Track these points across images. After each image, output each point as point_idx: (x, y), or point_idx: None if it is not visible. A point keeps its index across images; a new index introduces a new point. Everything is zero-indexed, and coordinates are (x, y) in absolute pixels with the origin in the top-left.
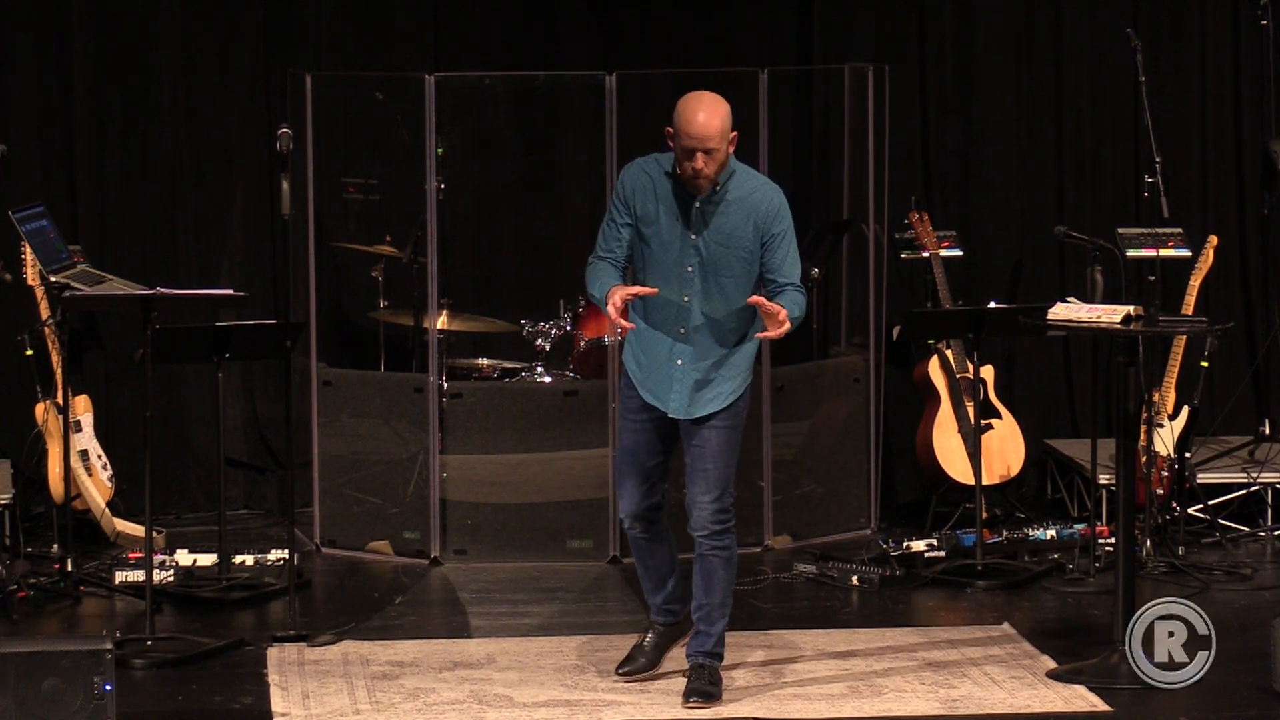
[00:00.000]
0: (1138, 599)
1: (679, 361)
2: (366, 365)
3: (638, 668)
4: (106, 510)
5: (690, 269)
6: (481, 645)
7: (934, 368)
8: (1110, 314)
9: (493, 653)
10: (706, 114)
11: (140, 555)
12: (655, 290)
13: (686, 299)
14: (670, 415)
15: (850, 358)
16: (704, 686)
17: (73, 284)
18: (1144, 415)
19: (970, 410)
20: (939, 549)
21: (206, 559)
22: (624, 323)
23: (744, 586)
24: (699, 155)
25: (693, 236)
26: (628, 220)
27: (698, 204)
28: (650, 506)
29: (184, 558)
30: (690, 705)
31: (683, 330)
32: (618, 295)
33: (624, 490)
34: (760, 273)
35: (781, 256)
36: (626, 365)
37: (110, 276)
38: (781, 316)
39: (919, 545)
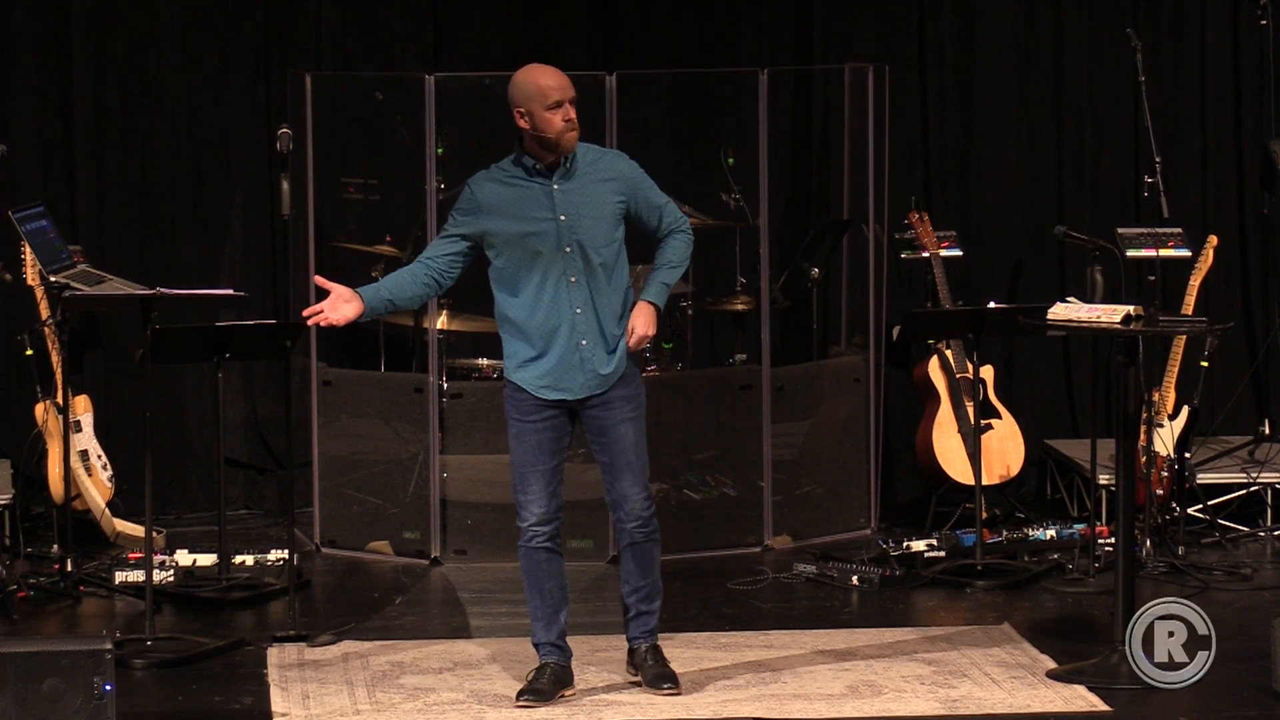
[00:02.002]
0: (1138, 599)
1: (583, 342)
2: (366, 365)
3: (541, 699)
4: (106, 510)
5: (569, 249)
6: (481, 645)
7: (934, 368)
8: (1110, 314)
9: (493, 653)
10: (553, 72)
11: (140, 555)
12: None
13: (574, 279)
14: (576, 398)
15: (850, 358)
16: (667, 669)
17: (73, 284)
18: (1144, 415)
19: (970, 410)
20: (939, 549)
21: (206, 559)
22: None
23: (744, 586)
24: (567, 105)
25: (562, 218)
26: (464, 232)
27: (555, 186)
28: (558, 508)
29: (184, 558)
30: (666, 691)
31: (579, 310)
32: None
33: (530, 497)
34: (647, 230)
35: (656, 204)
36: (511, 375)
37: (110, 276)
38: (644, 324)
39: (919, 545)
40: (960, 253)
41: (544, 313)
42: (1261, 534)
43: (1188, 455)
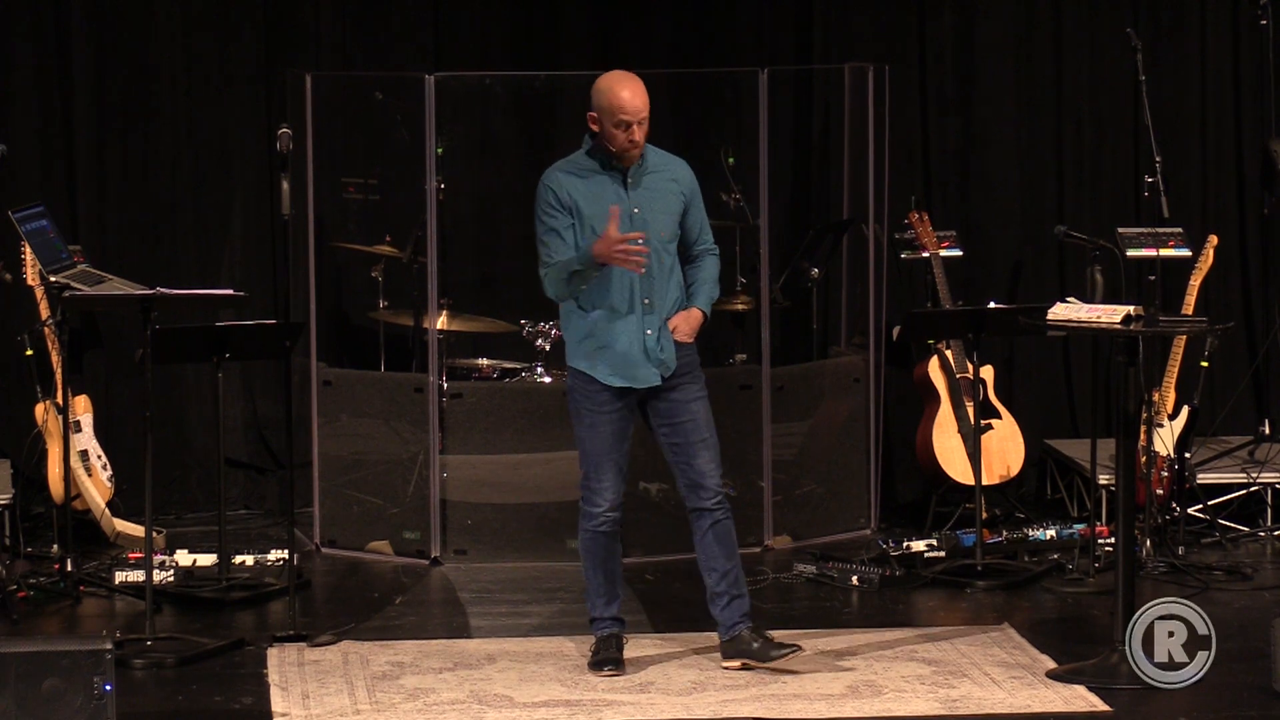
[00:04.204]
0: (1138, 599)
1: (648, 332)
2: (366, 365)
3: (621, 668)
4: (106, 510)
5: (641, 241)
6: (481, 645)
7: (934, 368)
8: (1110, 314)
9: (493, 653)
10: (633, 90)
11: (140, 555)
12: (640, 234)
13: (643, 271)
14: (644, 387)
15: (850, 358)
16: (776, 640)
17: (73, 284)
18: (1144, 415)
19: (970, 410)
20: (939, 549)
21: (206, 559)
22: (633, 243)
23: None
24: (634, 127)
25: (635, 210)
26: (570, 223)
27: (629, 180)
28: (623, 494)
29: (184, 558)
30: (788, 654)
31: (647, 300)
32: (611, 230)
33: (604, 484)
34: (686, 241)
35: (701, 220)
36: (579, 366)
37: (110, 276)
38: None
39: (919, 545)
40: (960, 253)
41: (616, 303)
42: (1261, 534)
43: (1188, 455)
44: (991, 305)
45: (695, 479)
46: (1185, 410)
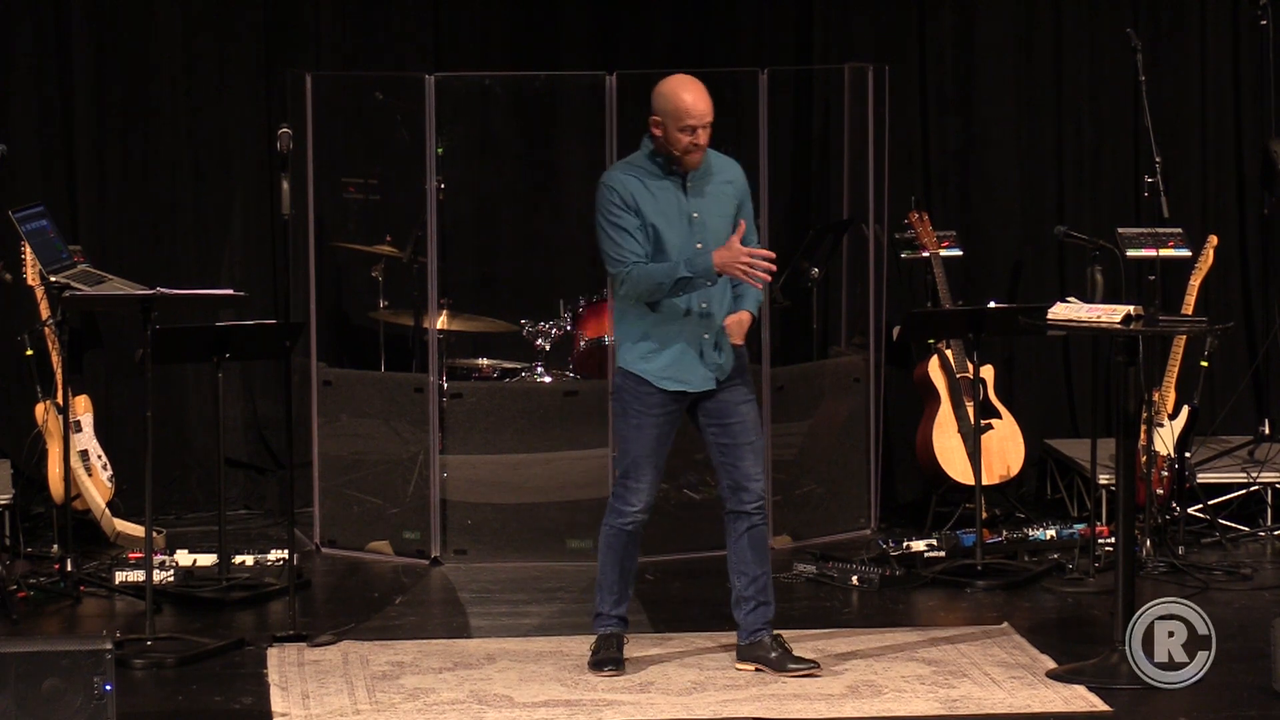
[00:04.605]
0: (1138, 599)
1: (705, 335)
2: (366, 365)
3: (621, 668)
4: (106, 510)
5: (699, 244)
6: (481, 645)
7: (934, 368)
8: (1110, 314)
9: (493, 653)
10: (698, 94)
11: (140, 555)
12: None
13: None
14: (696, 390)
15: (850, 358)
16: (796, 654)
17: (73, 284)
18: (1144, 415)
19: (970, 410)
20: (939, 549)
21: (206, 559)
22: (765, 261)
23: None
24: (699, 131)
25: (694, 214)
26: (639, 223)
27: (688, 182)
28: (655, 499)
29: (184, 558)
30: (805, 671)
31: (704, 305)
32: (734, 241)
33: (641, 485)
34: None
35: (751, 219)
36: (632, 367)
37: (110, 276)
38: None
39: (919, 545)
40: (960, 253)
41: (671, 306)
42: (1261, 534)
43: (1188, 455)
44: (991, 305)
45: (739, 481)
46: (1185, 410)
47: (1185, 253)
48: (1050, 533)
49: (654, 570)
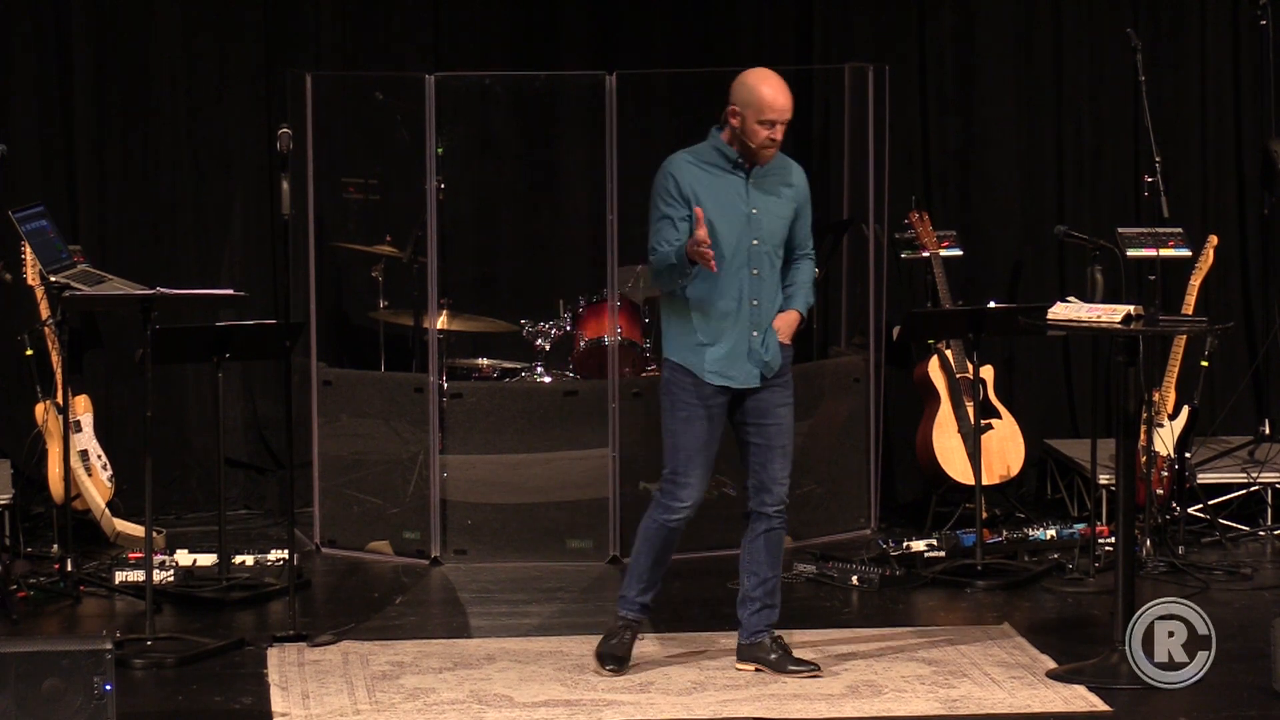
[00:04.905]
0: (1138, 599)
1: (754, 334)
2: (366, 365)
3: (623, 667)
4: (106, 510)
5: (755, 241)
6: (481, 645)
7: (934, 368)
8: (1110, 314)
9: (493, 653)
10: (779, 89)
11: (140, 555)
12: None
13: (755, 271)
14: (741, 387)
15: (850, 358)
16: (797, 656)
17: (73, 284)
18: (1144, 415)
19: (970, 410)
20: (939, 549)
21: (206, 559)
22: (705, 248)
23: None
24: (778, 126)
25: (754, 210)
26: (685, 213)
27: (750, 180)
28: (704, 495)
29: (184, 558)
30: (806, 673)
31: (755, 302)
32: (699, 232)
33: (691, 479)
34: (789, 245)
35: (808, 227)
36: (680, 360)
37: (110, 276)
38: (791, 329)
39: (919, 545)
40: (960, 253)
41: (724, 301)
42: (1261, 534)
43: (1188, 455)
44: (991, 305)
45: (766, 483)
46: (1185, 410)
47: (1185, 253)
48: (1050, 533)
49: None
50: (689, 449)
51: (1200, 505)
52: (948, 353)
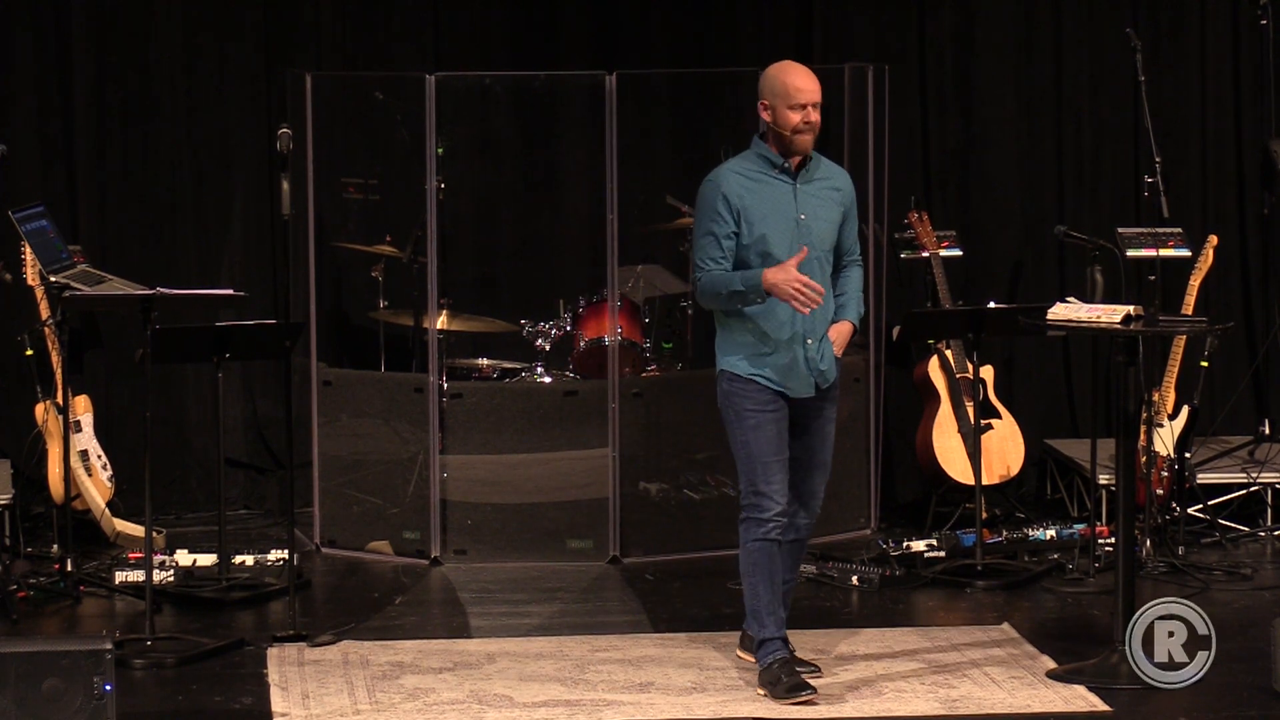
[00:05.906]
0: (1138, 599)
1: (808, 341)
2: (366, 365)
3: (813, 691)
4: (106, 510)
5: (804, 247)
6: (481, 645)
7: (934, 368)
8: (1110, 314)
9: (493, 653)
10: (803, 74)
11: (140, 555)
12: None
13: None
14: (797, 396)
15: (850, 358)
16: (798, 657)
17: (73, 284)
18: (1144, 415)
19: (970, 410)
20: (939, 549)
21: (206, 559)
22: (812, 293)
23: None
24: (810, 109)
25: (802, 217)
26: (733, 230)
27: (799, 186)
28: (789, 499)
29: (184, 558)
30: (810, 674)
31: (808, 309)
32: (790, 265)
33: (774, 487)
34: (838, 250)
35: (854, 233)
36: (737, 370)
37: (110, 276)
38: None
39: (919, 545)
40: (960, 253)
41: (777, 311)
42: (1261, 534)
43: (1188, 455)
44: (991, 305)
45: (803, 497)
46: (1185, 410)
47: (1185, 253)
48: (1050, 533)
49: (654, 570)
50: (764, 456)
51: (1200, 505)
52: (948, 353)
